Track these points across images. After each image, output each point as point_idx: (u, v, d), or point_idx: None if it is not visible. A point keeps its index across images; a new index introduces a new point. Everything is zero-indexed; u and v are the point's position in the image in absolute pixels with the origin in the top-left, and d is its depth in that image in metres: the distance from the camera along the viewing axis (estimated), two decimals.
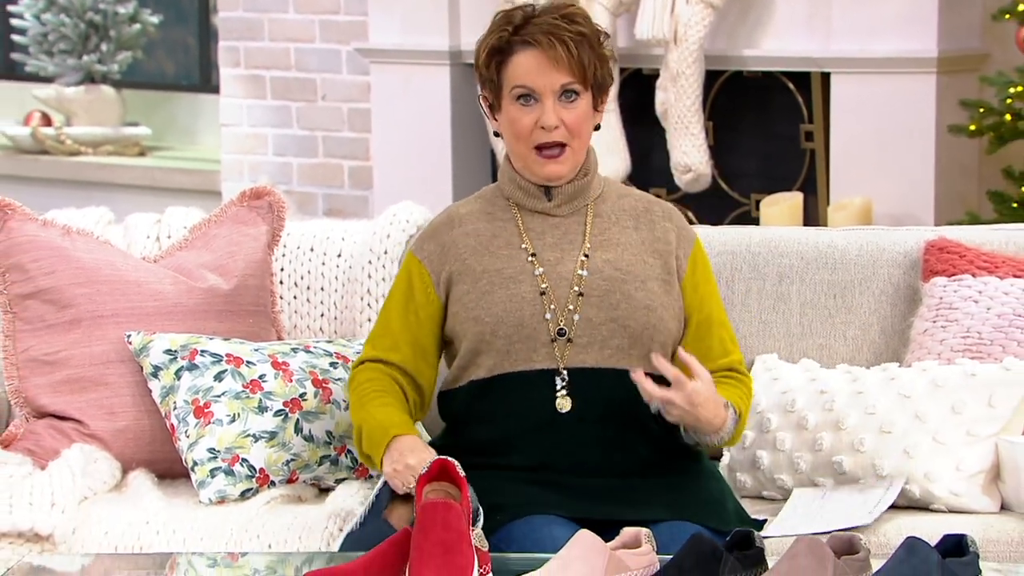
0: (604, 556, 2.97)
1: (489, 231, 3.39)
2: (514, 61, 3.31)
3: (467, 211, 3.43)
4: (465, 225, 3.41)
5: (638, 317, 3.34)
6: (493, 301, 3.34)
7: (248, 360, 3.73)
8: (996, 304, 3.73)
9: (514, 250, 3.37)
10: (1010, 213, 5.02)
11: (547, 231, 3.38)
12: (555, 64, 3.29)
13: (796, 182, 5.64)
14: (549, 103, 3.30)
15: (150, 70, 7.66)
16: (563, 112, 3.30)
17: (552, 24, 3.31)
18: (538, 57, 3.30)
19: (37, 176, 7.14)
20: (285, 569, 3.20)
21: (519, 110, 3.32)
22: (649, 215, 3.41)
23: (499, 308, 3.33)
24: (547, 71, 3.29)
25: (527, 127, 3.32)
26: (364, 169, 6.46)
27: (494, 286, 3.35)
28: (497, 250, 3.37)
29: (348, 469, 3.72)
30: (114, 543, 3.48)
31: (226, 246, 3.95)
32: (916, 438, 3.54)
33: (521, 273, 3.35)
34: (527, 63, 3.30)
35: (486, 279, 3.35)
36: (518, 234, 3.38)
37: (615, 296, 3.33)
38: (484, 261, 3.36)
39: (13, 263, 3.83)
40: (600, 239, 3.37)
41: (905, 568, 2.90)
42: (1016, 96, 5.01)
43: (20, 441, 3.79)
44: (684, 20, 5.49)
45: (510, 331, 3.33)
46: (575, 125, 3.32)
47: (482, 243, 3.38)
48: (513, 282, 3.34)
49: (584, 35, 3.30)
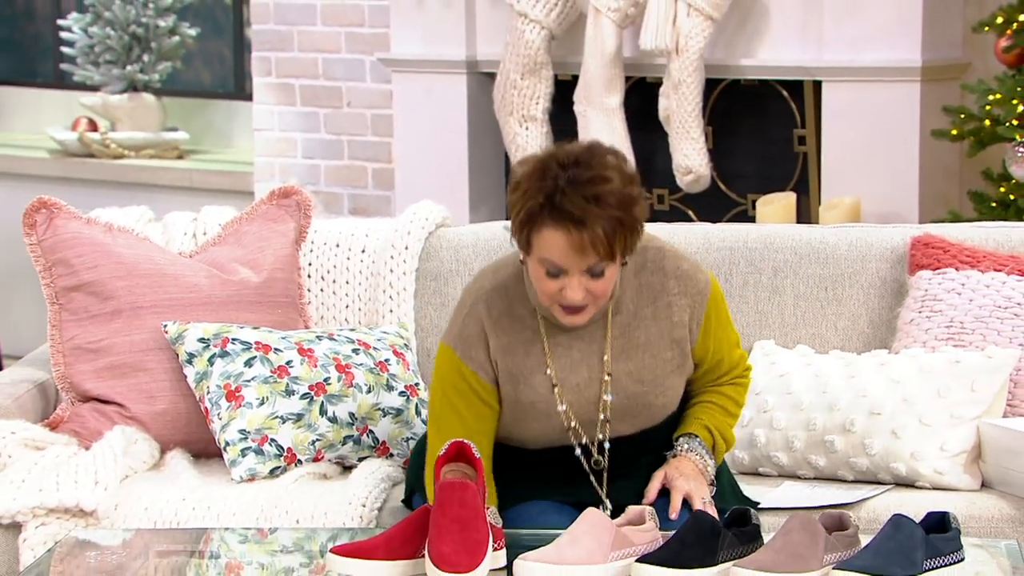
0: (610, 532, 2.95)
1: (521, 349, 3.17)
2: (544, 235, 3.02)
3: (499, 312, 3.18)
4: (499, 337, 3.17)
5: (657, 415, 3.24)
6: (524, 432, 3.21)
7: (276, 347, 3.72)
8: (978, 296, 3.71)
9: (540, 376, 3.18)
10: (989, 212, 5.01)
11: (572, 345, 3.18)
12: (582, 249, 3.01)
13: (790, 183, 5.63)
14: (575, 280, 3.05)
15: (188, 79, 7.65)
16: (589, 284, 3.06)
17: (583, 208, 3.00)
18: (568, 238, 3.01)
19: (84, 177, 7.14)
20: (311, 544, 3.19)
21: (546, 279, 3.07)
22: (666, 296, 3.20)
23: (528, 435, 3.21)
24: (574, 254, 3.02)
25: (552, 291, 3.07)
26: (386, 171, 6.45)
27: (527, 416, 3.20)
28: (529, 376, 3.17)
29: (370, 448, 3.71)
30: (153, 518, 3.47)
31: (256, 242, 3.95)
32: (903, 420, 3.53)
33: (548, 406, 3.18)
34: (556, 241, 3.02)
35: (520, 409, 3.20)
36: (542, 356, 3.18)
37: (638, 408, 3.22)
38: (517, 389, 3.18)
39: (59, 258, 3.83)
40: (621, 343, 3.19)
41: (891, 543, 2.88)
42: (995, 103, 4.99)
43: (66, 423, 3.79)
44: (685, 32, 5.48)
45: (540, 463, 3.24)
46: (600, 293, 3.08)
47: (516, 364, 3.17)
48: (544, 416, 3.19)
49: (621, 220, 3.01)
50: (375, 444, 3.71)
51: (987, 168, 5.13)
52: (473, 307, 3.19)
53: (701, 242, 3.86)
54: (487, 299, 3.19)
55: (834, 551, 2.92)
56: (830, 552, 2.91)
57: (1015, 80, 5.01)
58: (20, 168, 7.29)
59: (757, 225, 4.05)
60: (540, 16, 5.73)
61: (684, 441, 3.25)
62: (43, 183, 7.05)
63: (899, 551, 2.86)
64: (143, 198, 6.56)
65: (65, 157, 7.34)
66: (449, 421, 3.17)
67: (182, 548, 3.22)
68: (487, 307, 3.18)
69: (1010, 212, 4.96)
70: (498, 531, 2.98)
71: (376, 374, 3.73)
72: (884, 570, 2.83)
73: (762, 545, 2.96)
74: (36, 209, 3.84)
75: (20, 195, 6.17)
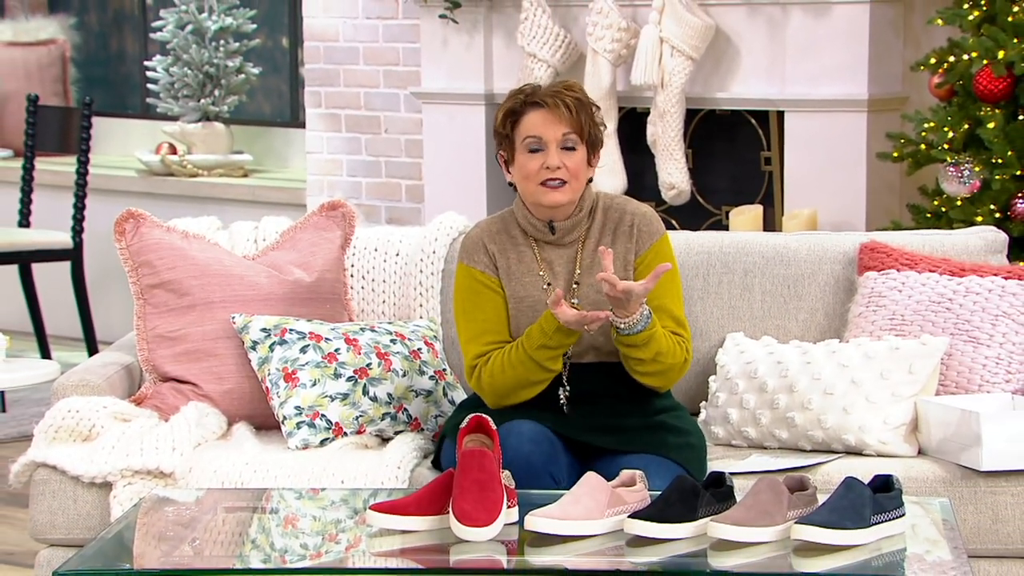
0: (607, 493, 2.93)
1: (514, 255, 3.38)
2: (525, 119, 3.31)
3: (494, 231, 3.40)
4: (496, 245, 3.39)
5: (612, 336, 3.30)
6: (518, 325, 3.34)
7: (326, 337, 3.70)
8: (916, 293, 3.69)
9: (530, 276, 3.36)
10: (925, 221, 4.99)
11: (554, 260, 3.37)
12: (558, 119, 3.29)
13: (757, 196, 5.60)
14: (553, 149, 3.29)
15: (252, 110, 7.64)
16: (564, 158, 3.29)
17: (555, 91, 3.32)
18: (544, 114, 3.29)
19: (164, 193, 7.12)
20: (355, 501, 3.18)
21: (529, 157, 3.31)
22: (623, 226, 3.38)
23: (522, 332, 3.33)
24: (552, 124, 3.29)
25: (535, 169, 3.30)
26: (417, 187, 6.43)
27: (519, 312, 3.35)
28: (521, 276, 3.37)
29: (404, 424, 3.69)
30: (221, 480, 3.46)
31: (309, 247, 3.93)
32: (852, 398, 3.50)
33: (536, 302, 3.34)
34: (536, 119, 3.30)
35: (514, 304, 3.35)
36: (533, 263, 3.37)
37: None
38: (512, 286, 3.36)
39: (143, 260, 3.81)
40: (588, 262, 3.37)
41: (844, 501, 2.86)
42: (929, 130, 4.97)
43: (149, 400, 3.77)
44: (669, 69, 5.46)
45: None
46: (573, 168, 3.30)
47: (511, 266, 3.37)
48: (532, 311, 3.34)
49: (581, 101, 3.31)
50: (409, 420, 3.69)
51: (923, 185, 5.11)
52: (475, 229, 3.42)
53: (683, 247, 3.83)
54: (486, 224, 3.42)
55: (796, 508, 2.90)
56: (792, 509, 2.89)
57: (946, 111, 4.99)
58: (112, 185, 7.28)
59: (730, 232, 4.02)
60: (547, 56, 5.71)
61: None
62: (131, 198, 7.04)
63: (851, 508, 2.84)
64: (213, 210, 6.56)
65: (149, 176, 7.33)
66: (472, 315, 3.34)
67: (246, 504, 3.21)
68: (487, 227, 3.41)
69: (942, 222, 4.94)
70: (511, 492, 2.96)
71: (410, 360, 3.71)
72: (838, 524, 2.81)
73: (735, 503, 2.94)
74: (125, 219, 3.83)
75: (112, 208, 6.15)
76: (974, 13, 4.90)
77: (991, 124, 4.83)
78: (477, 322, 3.35)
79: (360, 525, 3.02)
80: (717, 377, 3.68)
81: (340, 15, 6.52)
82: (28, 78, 7.80)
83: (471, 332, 3.36)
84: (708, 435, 3.61)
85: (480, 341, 3.34)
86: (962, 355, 3.57)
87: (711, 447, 3.57)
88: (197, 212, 5.92)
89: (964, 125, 4.91)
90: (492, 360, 3.31)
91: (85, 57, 8.17)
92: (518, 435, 3.20)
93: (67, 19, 8.10)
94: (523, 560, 2.86)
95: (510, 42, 5.88)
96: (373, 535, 2.94)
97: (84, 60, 8.16)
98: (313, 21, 6.58)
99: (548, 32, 5.70)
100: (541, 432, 3.23)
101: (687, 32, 5.43)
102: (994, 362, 3.56)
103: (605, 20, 5.56)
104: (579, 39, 5.70)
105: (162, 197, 7.11)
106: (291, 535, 3.04)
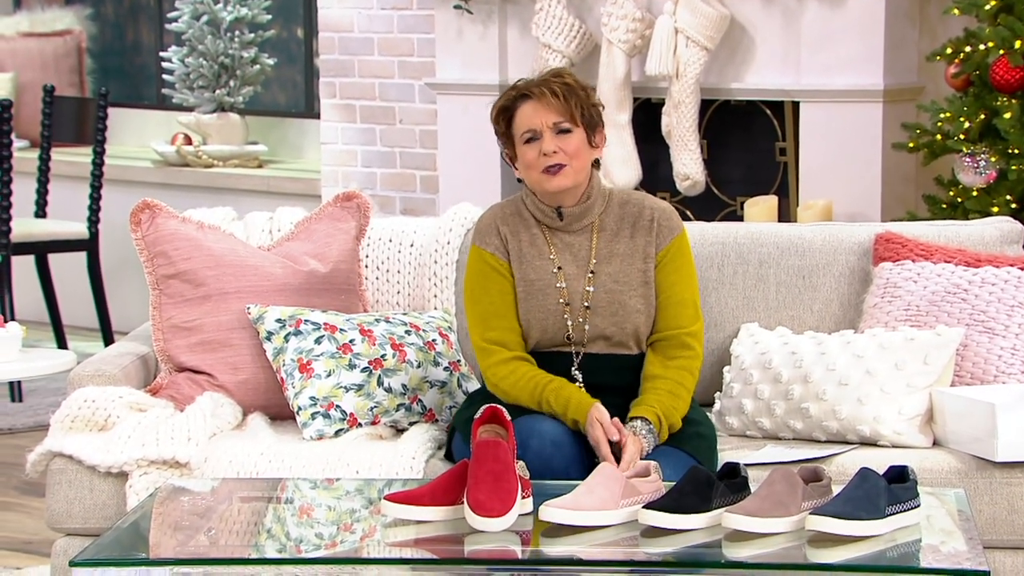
0: (621, 483, 2.93)
1: (526, 238, 3.38)
2: (518, 113, 3.33)
3: (508, 213, 3.40)
4: (509, 227, 3.39)
5: (632, 318, 3.34)
6: (528, 308, 3.35)
7: (341, 328, 3.70)
8: (931, 284, 3.68)
9: (541, 260, 3.36)
10: (941, 212, 4.98)
11: (566, 248, 3.37)
12: (547, 107, 3.30)
13: (772, 187, 5.59)
14: (547, 135, 3.30)
15: (267, 101, 7.64)
16: (559, 142, 3.30)
17: (543, 80, 3.33)
18: (534, 104, 3.31)
19: (180, 183, 7.13)
20: (370, 491, 3.18)
21: (527, 148, 3.32)
22: (643, 220, 3.38)
23: (531, 315, 3.34)
24: (541, 112, 3.30)
25: (534, 158, 3.31)
26: (432, 178, 6.43)
27: (529, 296, 3.35)
28: (532, 260, 3.37)
29: (419, 414, 3.69)
30: (236, 470, 3.46)
31: (324, 238, 3.92)
32: (867, 389, 3.50)
33: (547, 285, 3.35)
34: (527, 111, 3.32)
35: (525, 287, 3.36)
36: (545, 247, 3.37)
37: (614, 307, 3.34)
38: (523, 269, 3.37)
39: (159, 251, 3.81)
40: (605, 252, 3.37)
41: (859, 492, 2.86)
42: (945, 120, 4.96)
43: (164, 390, 3.78)
44: (684, 60, 5.44)
45: (537, 334, 3.35)
46: (571, 151, 3.30)
47: (522, 249, 3.38)
48: (542, 294, 3.35)
49: (569, 85, 3.31)
50: (423, 411, 3.69)
51: (939, 175, 5.10)
52: (488, 211, 3.43)
53: (697, 237, 3.83)
54: (500, 208, 3.43)
55: (810, 499, 2.90)
56: (807, 500, 2.89)
57: (962, 101, 4.97)
58: (128, 176, 7.29)
59: (745, 223, 4.02)
60: (562, 47, 5.70)
61: (640, 424, 3.25)
62: (147, 188, 7.05)
63: (865, 498, 2.84)
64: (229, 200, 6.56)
65: (165, 166, 7.35)
66: (478, 296, 3.36)
67: (261, 494, 3.21)
68: (500, 211, 3.41)
69: (958, 212, 4.93)
70: (526, 482, 2.96)
71: (425, 352, 3.71)
72: (853, 515, 2.81)
73: (749, 494, 2.93)
74: (141, 209, 3.83)
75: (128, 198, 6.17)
76: (991, 3, 4.88)
77: (1007, 114, 4.81)
78: (482, 304, 3.37)
79: (375, 515, 3.02)
80: (732, 368, 3.67)
81: (355, 5, 6.52)
82: (44, 69, 7.81)
83: (476, 314, 3.39)
84: (722, 426, 3.60)
85: (485, 324, 3.36)
86: (977, 346, 3.56)
87: (726, 438, 3.57)
88: (212, 203, 5.90)
89: (980, 115, 4.90)
90: (507, 377, 3.31)
91: (101, 48, 8.18)
92: (540, 436, 3.20)
93: (83, 10, 8.11)
94: (537, 550, 2.86)
95: (525, 32, 5.87)
96: (388, 525, 2.94)
97: (100, 51, 8.17)
98: (328, 12, 6.58)
99: (563, 22, 5.69)
100: (562, 434, 3.23)
101: (702, 22, 5.42)
102: (1010, 353, 3.55)
103: (620, 10, 5.55)
104: (594, 29, 5.69)
105: (177, 188, 7.12)
106: (306, 525, 3.04)
